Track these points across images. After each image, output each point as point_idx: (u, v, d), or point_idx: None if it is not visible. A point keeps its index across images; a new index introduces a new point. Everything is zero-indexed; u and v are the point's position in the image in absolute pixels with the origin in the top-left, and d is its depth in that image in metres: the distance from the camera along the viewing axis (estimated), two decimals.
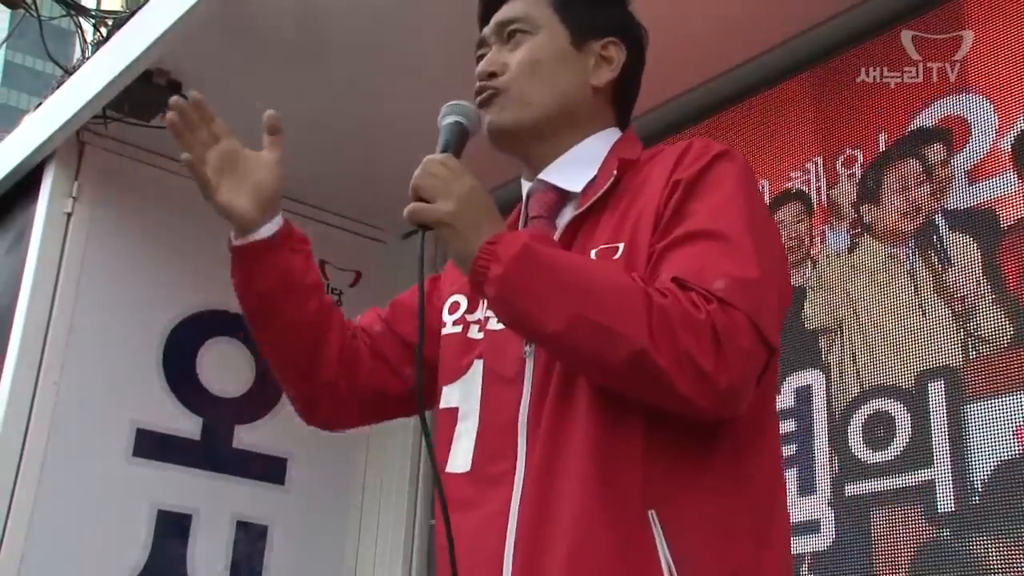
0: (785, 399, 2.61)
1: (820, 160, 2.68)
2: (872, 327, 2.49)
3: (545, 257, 1.24)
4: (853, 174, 2.60)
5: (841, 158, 2.64)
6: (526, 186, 1.52)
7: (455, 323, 1.51)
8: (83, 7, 4.42)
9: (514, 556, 1.27)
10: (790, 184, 2.73)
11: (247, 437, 3.55)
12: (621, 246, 1.33)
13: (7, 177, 3.56)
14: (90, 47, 4.04)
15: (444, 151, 1.38)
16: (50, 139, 3.34)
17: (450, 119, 1.42)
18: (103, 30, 4.08)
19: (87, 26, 4.32)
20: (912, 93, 2.56)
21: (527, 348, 1.36)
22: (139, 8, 3.49)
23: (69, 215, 3.36)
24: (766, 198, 2.77)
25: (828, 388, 2.54)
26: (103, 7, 5.00)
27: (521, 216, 1.51)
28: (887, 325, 2.45)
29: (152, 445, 3.38)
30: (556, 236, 1.40)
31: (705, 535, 1.24)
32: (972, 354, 2.29)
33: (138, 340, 3.43)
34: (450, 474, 1.39)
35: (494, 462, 1.33)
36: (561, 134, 1.48)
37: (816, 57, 2.82)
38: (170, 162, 3.57)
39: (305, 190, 3.76)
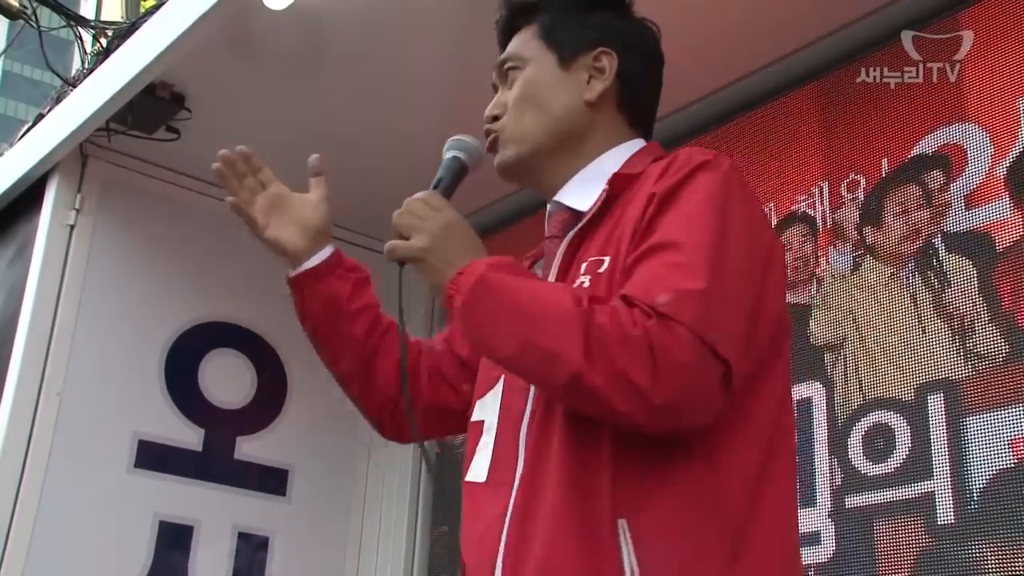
0: None
1: (825, 184, 2.75)
2: (874, 343, 2.54)
3: (497, 284, 1.30)
4: (856, 198, 2.67)
5: (845, 183, 2.71)
6: (549, 208, 1.55)
7: None
8: (83, 17, 4.44)
9: (503, 564, 1.30)
10: (796, 207, 2.80)
11: (249, 448, 3.56)
12: (607, 260, 1.35)
13: (10, 189, 3.57)
14: (89, 57, 4.06)
15: (435, 186, 1.47)
16: (53, 151, 3.35)
17: (448, 154, 1.52)
18: (103, 40, 4.10)
19: (86, 36, 4.34)
20: (913, 108, 2.60)
21: None
22: (139, 19, 3.51)
23: (72, 227, 3.37)
24: (772, 220, 2.83)
25: (830, 401, 2.58)
26: (103, 18, 5.02)
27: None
28: (888, 341, 2.51)
29: (154, 456, 3.38)
30: (559, 253, 1.43)
31: (672, 545, 1.23)
32: (969, 369, 2.34)
33: (140, 351, 3.44)
34: (468, 483, 1.43)
35: (499, 472, 1.37)
36: (568, 156, 1.51)
37: (818, 71, 2.85)
38: (173, 174, 3.60)
39: None
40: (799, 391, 2.65)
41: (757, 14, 2.74)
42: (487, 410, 1.45)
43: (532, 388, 1.37)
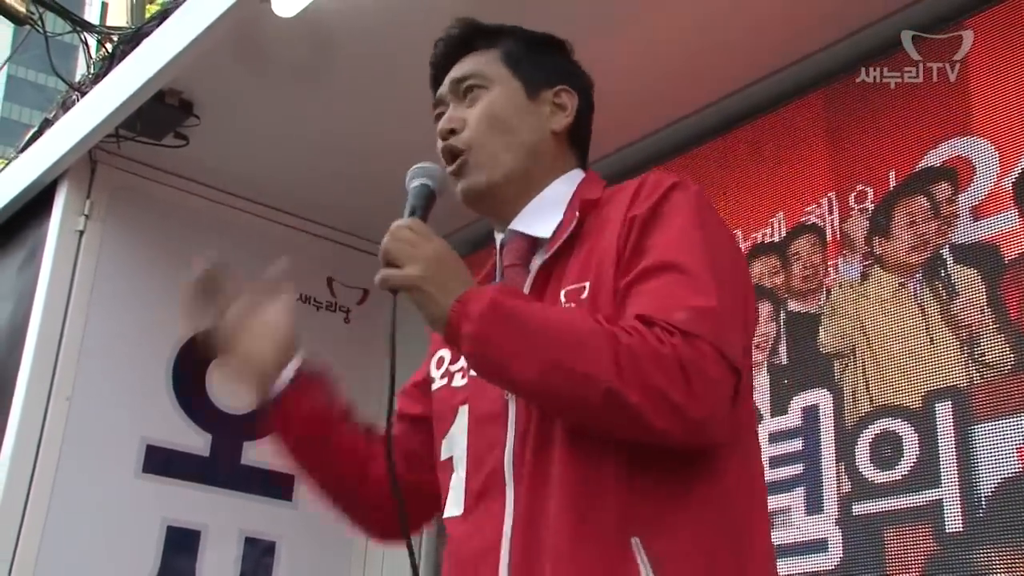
0: (797, 420, 2.68)
1: (834, 195, 2.77)
2: (882, 352, 2.56)
3: (511, 309, 1.27)
4: (865, 209, 2.69)
5: (853, 194, 2.72)
6: (499, 237, 1.55)
7: (441, 377, 1.54)
8: (88, 23, 4.46)
9: None
10: (805, 218, 2.82)
11: (255, 454, 3.57)
12: (587, 285, 1.36)
13: (20, 195, 3.58)
14: (95, 62, 4.08)
15: (411, 214, 1.42)
16: (63, 158, 3.37)
17: (417, 182, 1.46)
18: (108, 46, 4.12)
19: (92, 41, 4.35)
20: (921, 120, 2.62)
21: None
22: (144, 25, 3.53)
23: (81, 233, 3.38)
24: (782, 230, 2.86)
25: (838, 409, 2.60)
26: (108, 23, 5.04)
27: (497, 267, 1.54)
28: (896, 350, 2.53)
29: (161, 461, 3.40)
30: (528, 281, 1.43)
31: (689, 559, 1.25)
32: (976, 378, 2.35)
33: (148, 357, 3.45)
34: (447, 519, 1.43)
35: (483, 503, 1.37)
36: (530, 184, 1.52)
37: (825, 78, 2.86)
38: (181, 181, 3.61)
39: (313, 207, 3.79)
40: (807, 398, 2.67)
41: (764, 22, 2.75)
42: (455, 445, 1.45)
43: (512, 414, 1.36)
